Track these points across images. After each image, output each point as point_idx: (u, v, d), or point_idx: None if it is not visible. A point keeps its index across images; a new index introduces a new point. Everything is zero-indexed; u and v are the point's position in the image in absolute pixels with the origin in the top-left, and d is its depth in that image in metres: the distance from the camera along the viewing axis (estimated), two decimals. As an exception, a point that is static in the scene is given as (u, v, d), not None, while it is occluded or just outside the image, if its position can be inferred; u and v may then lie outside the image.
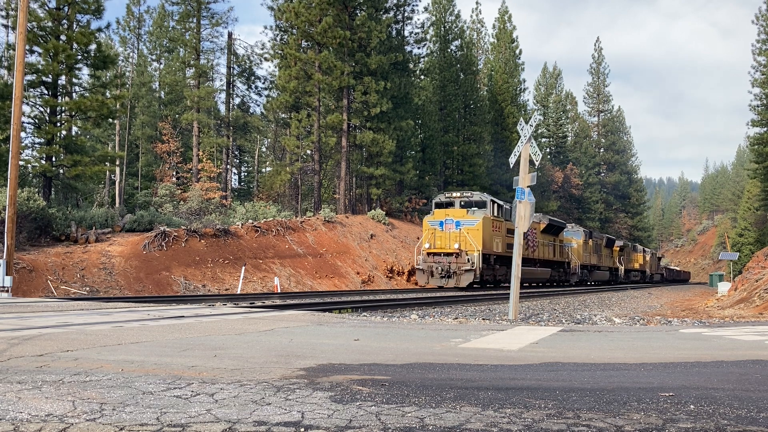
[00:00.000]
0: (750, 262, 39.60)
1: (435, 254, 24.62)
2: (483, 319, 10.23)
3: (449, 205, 26.03)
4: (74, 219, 23.57)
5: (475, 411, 2.89)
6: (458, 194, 26.44)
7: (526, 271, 28.08)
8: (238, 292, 21.11)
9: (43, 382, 3.34)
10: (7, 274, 14.08)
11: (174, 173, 42.53)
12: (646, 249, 64.00)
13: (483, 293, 21.57)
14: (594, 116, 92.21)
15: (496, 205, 26.32)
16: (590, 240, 41.32)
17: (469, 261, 23.85)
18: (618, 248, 49.37)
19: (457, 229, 24.42)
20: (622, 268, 50.31)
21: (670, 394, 3.35)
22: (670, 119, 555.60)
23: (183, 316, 7.80)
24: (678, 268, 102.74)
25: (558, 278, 36.09)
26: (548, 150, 76.09)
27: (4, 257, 14.32)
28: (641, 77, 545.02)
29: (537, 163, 10.95)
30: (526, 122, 10.96)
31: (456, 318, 10.25)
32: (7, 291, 13.91)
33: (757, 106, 51.61)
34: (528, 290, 25.80)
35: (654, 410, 2.97)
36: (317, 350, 5.00)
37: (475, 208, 25.38)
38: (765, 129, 51.89)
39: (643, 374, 4.12)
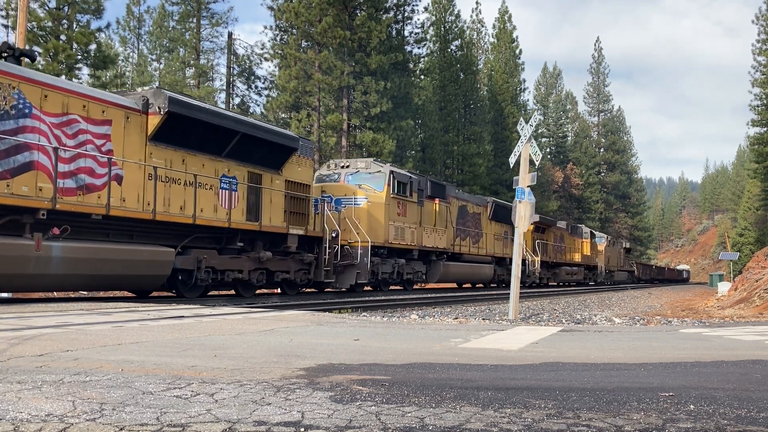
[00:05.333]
0: (750, 262, 39.58)
1: None
2: (483, 319, 10.23)
3: None
4: (74, 219, 23.56)
5: (475, 411, 2.89)
6: None
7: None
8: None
9: (43, 382, 3.34)
10: (7, 274, 14.04)
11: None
12: (598, 233, 45.68)
13: (483, 293, 21.44)
14: (594, 116, 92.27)
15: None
16: (437, 202, 21.69)
17: None
18: (532, 226, 28.82)
19: None
20: (538, 259, 31.27)
21: (670, 394, 3.35)
22: (672, 119, 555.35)
23: (183, 316, 7.80)
24: (669, 266, 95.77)
25: (274, 276, 15.61)
26: (548, 150, 76.11)
27: (4, 257, 14.28)
28: (644, 76, 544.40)
29: (537, 163, 10.96)
30: (526, 122, 10.97)
31: (456, 318, 10.25)
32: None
33: (757, 106, 51.68)
34: (527, 290, 25.53)
35: (654, 410, 2.97)
36: (317, 350, 5.00)
37: None
38: (765, 129, 51.95)
39: (643, 374, 4.12)
